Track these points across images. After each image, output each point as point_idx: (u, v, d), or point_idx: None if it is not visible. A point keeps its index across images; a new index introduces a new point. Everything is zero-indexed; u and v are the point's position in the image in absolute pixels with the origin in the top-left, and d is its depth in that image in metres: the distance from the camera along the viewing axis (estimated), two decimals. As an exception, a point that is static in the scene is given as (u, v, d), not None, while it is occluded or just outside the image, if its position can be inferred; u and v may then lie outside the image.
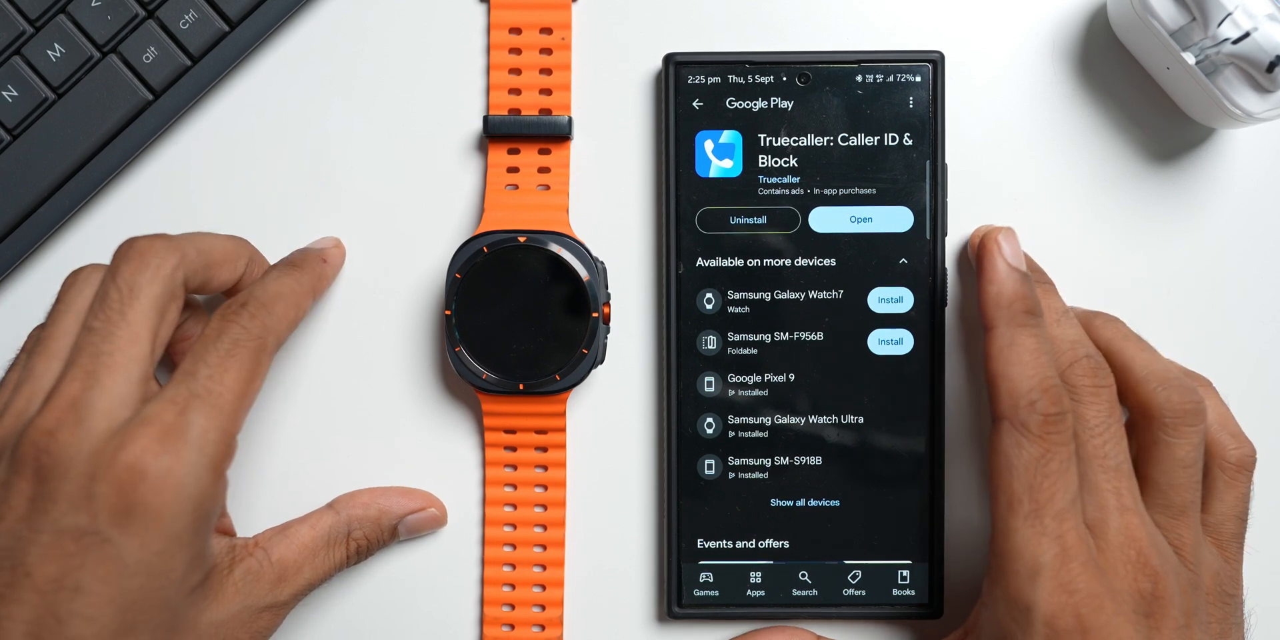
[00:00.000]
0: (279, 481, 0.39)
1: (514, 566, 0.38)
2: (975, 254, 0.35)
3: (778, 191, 0.37)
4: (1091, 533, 0.32)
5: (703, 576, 0.38)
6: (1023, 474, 0.31)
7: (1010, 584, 0.31)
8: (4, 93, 0.37)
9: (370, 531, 0.37)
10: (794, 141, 0.37)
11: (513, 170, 0.38)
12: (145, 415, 0.29)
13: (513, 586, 0.38)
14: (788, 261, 0.37)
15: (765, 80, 0.37)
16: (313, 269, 0.36)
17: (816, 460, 0.38)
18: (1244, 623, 0.35)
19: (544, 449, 0.38)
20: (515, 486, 0.39)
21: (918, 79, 0.37)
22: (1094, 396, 0.33)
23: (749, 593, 0.38)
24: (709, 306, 0.38)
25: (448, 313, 0.37)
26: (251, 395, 0.31)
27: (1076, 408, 0.33)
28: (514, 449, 0.38)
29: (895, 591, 0.38)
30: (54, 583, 0.28)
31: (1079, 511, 0.32)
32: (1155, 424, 0.34)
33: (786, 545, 0.38)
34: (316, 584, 0.36)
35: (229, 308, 0.32)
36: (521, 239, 0.36)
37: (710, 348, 0.38)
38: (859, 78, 0.37)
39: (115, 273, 0.31)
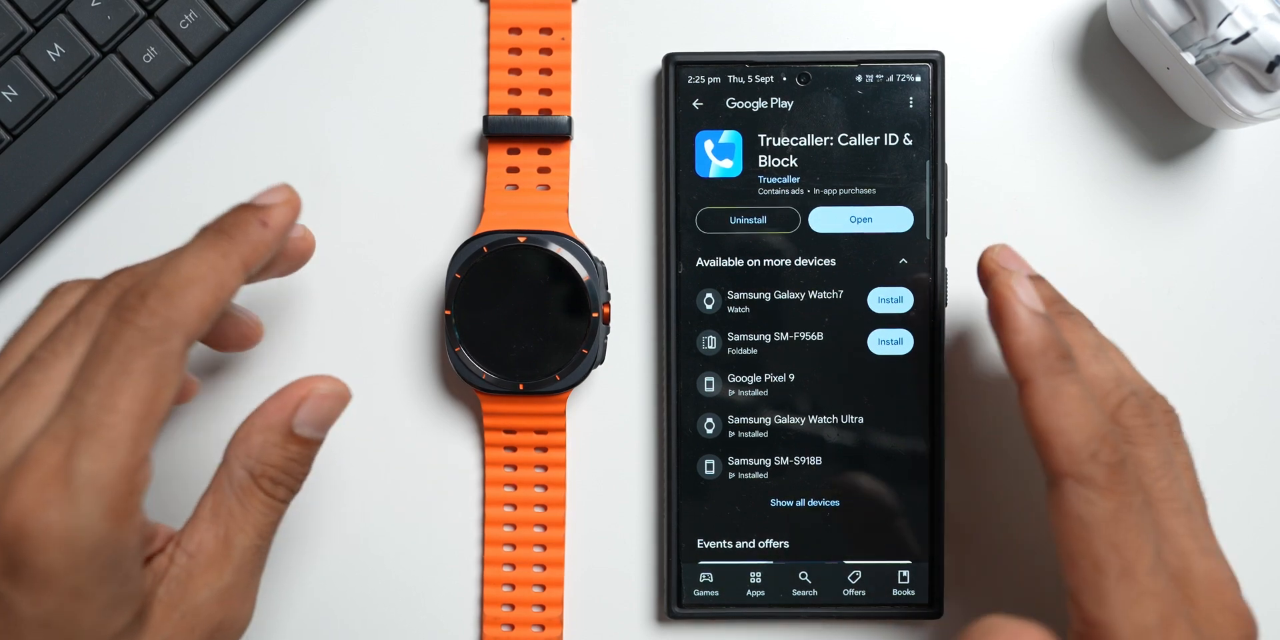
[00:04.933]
0: (279, 481, 0.39)
1: (514, 566, 0.38)
2: (990, 302, 0.32)
3: (778, 191, 0.37)
4: (1176, 583, 0.29)
5: (703, 576, 0.38)
6: (1102, 532, 0.28)
7: None
8: (4, 93, 0.37)
9: (267, 457, 0.30)
10: (794, 141, 0.37)
11: (512, 170, 0.38)
12: (28, 458, 0.26)
13: (513, 586, 0.38)
14: (788, 261, 0.37)
15: (765, 80, 0.37)
16: (245, 236, 0.29)
17: (816, 460, 0.38)
18: None
19: (544, 449, 0.38)
20: (515, 486, 0.39)
21: (918, 79, 0.37)
22: (1148, 437, 0.31)
23: (749, 593, 0.38)
24: (709, 306, 0.38)
25: (448, 313, 0.37)
26: (159, 412, 0.27)
27: (1132, 450, 0.31)
28: (514, 449, 0.38)
29: (895, 591, 0.38)
30: None
31: (1165, 563, 0.29)
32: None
33: (786, 545, 0.38)
34: (260, 545, 0.31)
35: (125, 300, 0.27)
36: (521, 239, 0.36)
37: (710, 348, 0.38)
38: (859, 78, 0.37)
39: (79, 307, 0.28)
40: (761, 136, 0.37)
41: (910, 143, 0.37)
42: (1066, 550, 0.29)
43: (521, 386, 0.37)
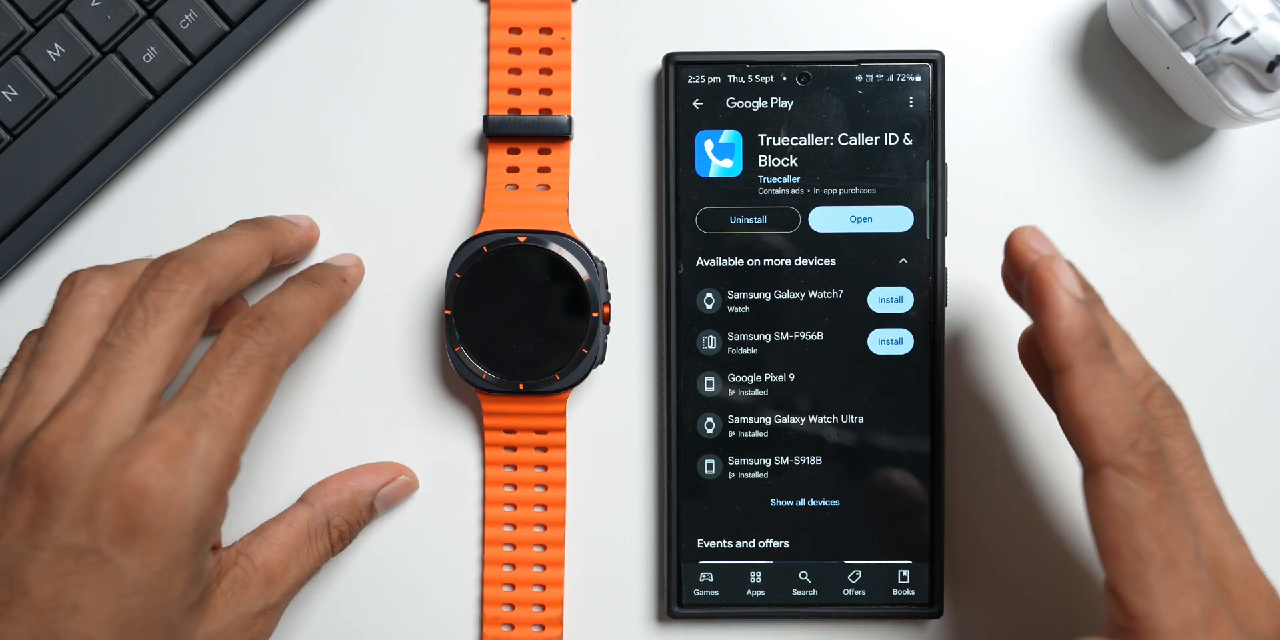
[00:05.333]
0: (278, 483, 0.39)
1: (514, 566, 0.38)
2: (1027, 284, 0.31)
3: (778, 191, 0.37)
4: (1215, 570, 0.29)
5: (703, 576, 0.38)
6: (1146, 521, 0.28)
7: None
8: (4, 93, 0.37)
9: (348, 515, 0.37)
10: (794, 141, 0.37)
11: (513, 170, 0.38)
12: (151, 432, 0.29)
13: (513, 586, 0.38)
14: (788, 261, 0.37)
15: (765, 80, 0.37)
16: (331, 287, 0.35)
17: (816, 460, 0.38)
18: None
19: (544, 449, 0.38)
20: (515, 486, 0.39)
21: (918, 79, 0.37)
22: (1177, 427, 0.31)
23: (749, 593, 0.38)
24: (709, 306, 0.38)
25: (448, 313, 0.37)
26: (259, 414, 0.31)
27: (1163, 440, 0.30)
28: (514, 449, 0.38)
29: (895, 591, 0.38)
30: (52, 601, 0.28)
31: (1204, 555, 0.29)
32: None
33: (786, 545, 0.38)
34: (305, 579, 0.35)
35: (244, 321, 0.31)
36: (521, 239, 0.36)
37: (710, 348, 0.38)
38: (859, 78, 0.37)
39: (142, 293, 0.31)
40: (761, 136, 0.37)
41: (910, 142, 0.37)
42: (1107, 541, 0.29)
43: (521, 386, 0.37)
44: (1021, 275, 0.31)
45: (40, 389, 0.31)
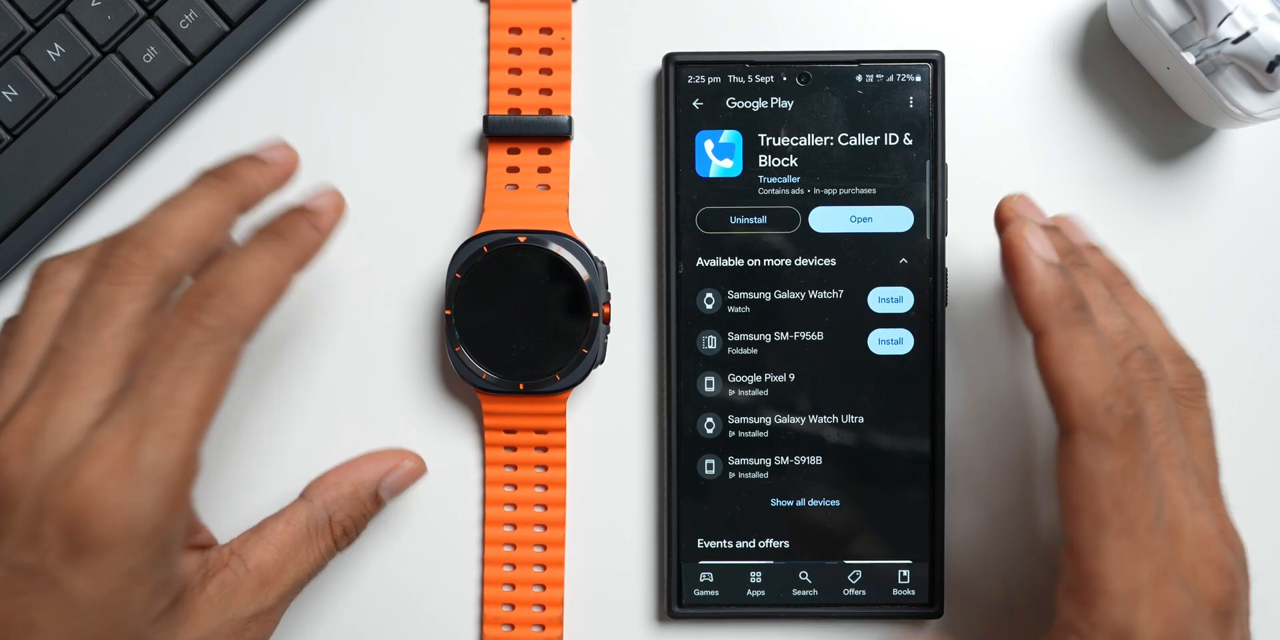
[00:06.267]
0: (278, 483, 0.39)
1: (514, 566, 0.38)
2: (1002, 252, 0.31)
3: (778, 191, 0.37)
4: (1169, 535, 0.30)
5: (703, 576, 0.38)
6: (1109, 487, 0.28)
7: (1109, 609, 0.29)
8: (4, 93, 0.37)
9: (351, 509, 0.35)
10: (794, 141, 0.37)
11: (513, 170, 0.38)
12: (93, 445, 0.27)
13: (513, 586, 0.38)
14: (788, 261, 0.37)
15: (765, 80, 0.37)
16: (300, 238, 0.31)
17: (816, 460, 0.38)
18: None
19: (544, 449, 0.38)
20: (515, 486, 0.39)
21: (918, 79, 0.37)
22: (1153, 391, 0.31)
23: (749, 593, 0.38)
24: (709, 306, 0.38)
25: (448, 313, 0.37)
26: (214, 406, 0.28)
27: (1140, 404, 0.30)
28: (514, 449, 0.38)
29: (895, 591, 0.38)
30: (5, 621, 0.27)
31: (1163, 520, 0.29)
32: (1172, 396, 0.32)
33: (786, 545, 0.38)
34: (306, 580, 0.34)
35: (190, 299, 0.28)
36: (521, 239, 0.36)
37: (710, 348, 0.38)
38: (859, 78, 0.37)
39: (91, 288, 0.29)
40: (761, 136, 0.37)
41: (910, 142, 0.37)
42: (1070, 502, 0.29)
43: (522, 386, 0.37)
44: None
45: (5, 389, 0.29)
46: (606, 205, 0.39)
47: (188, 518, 0.29)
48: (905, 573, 0.38)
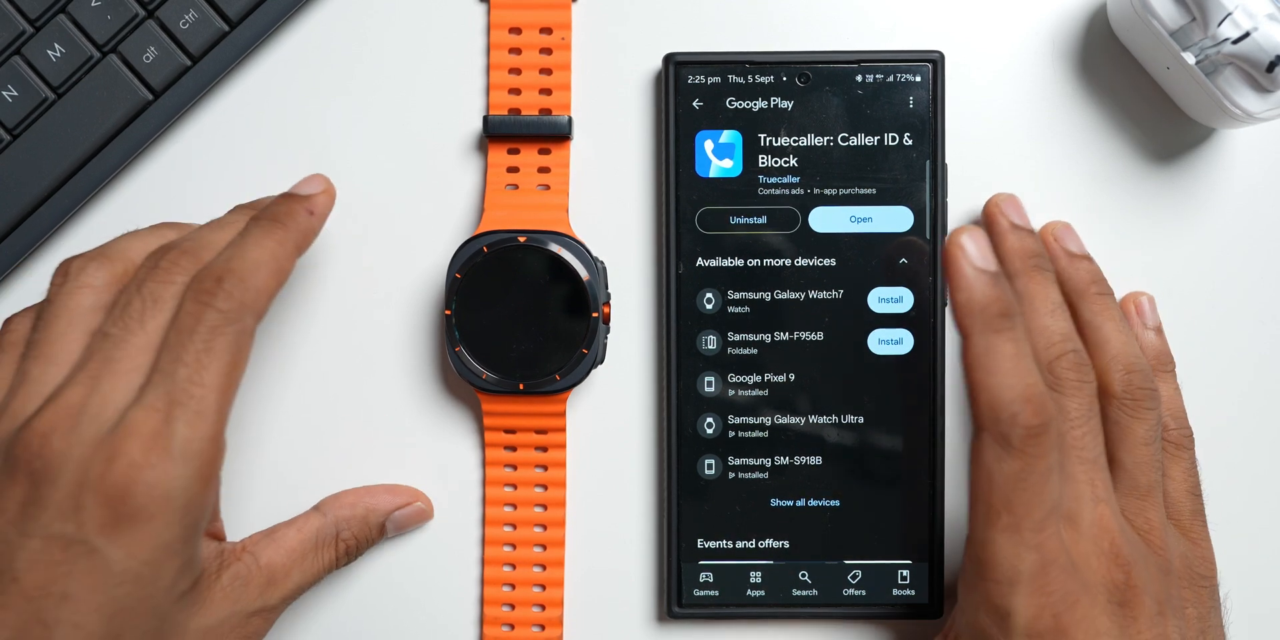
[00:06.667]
0: (277, 482, 0.39)
1: (514, 566, 0.38)
2: (942, 258, 0.33)
3: (778, 191, 0.37)
4: (1066, 523, 0.32)
5: (703, 576, 0.38)
6: (1002, 487, 0.30)
7: (989, 591, 0.31)
8: (4, 93, 0.37)
9: (359, 531, 0.37)
10: (794, 141, 0.37)
11: (513, 170, 0.38)
12: (129, 423, 0.29)
13: (513, 586, 0.38)
14: (788, 261, 0.37)
15: (765, 80, 0.37)
16: (298, 223, 0.33)
17: (816, 460, 0.38)
18: (1221, 604, 0.35)
19: (544, 449, 0.38)
20: (515, 486, 0.39)
21: (918, 79, 0.37)
22: (1076, 390, 0.33)
23: (749, 593, 0.38)
24: (709, 306, 0.38)
25: (448, 313, 0.37)
26: (235, 385, 0.30)
27: (1058, 399, 0.33)
28: (514, 449, 0.38)
29: (895, 591, 0.38)
30: (41, 589, 0.28)
31: (1058, 516, 0.31)
32: (1115, 404, 0.34)
33: (786, 545, 0.38)
34: (306, 587, 0.35)
35: (203, 285, 0.30)
36: (521, 239, 0.36)
37: (710, 348, 0.38)
38: (859, 78, 0.37)
39: (141, 284, 0.31)
40: (761, 136, 0.37)
41: (910, 143, 0.37)
42: (971, 494, 0.31)
43: (521, 386, 0.37)
44: None
45: (36, 378, 0.31)
46: (606, 205, 0.39)
47: (215, 497, 0.30)
48: (905, 573, 0.38)
